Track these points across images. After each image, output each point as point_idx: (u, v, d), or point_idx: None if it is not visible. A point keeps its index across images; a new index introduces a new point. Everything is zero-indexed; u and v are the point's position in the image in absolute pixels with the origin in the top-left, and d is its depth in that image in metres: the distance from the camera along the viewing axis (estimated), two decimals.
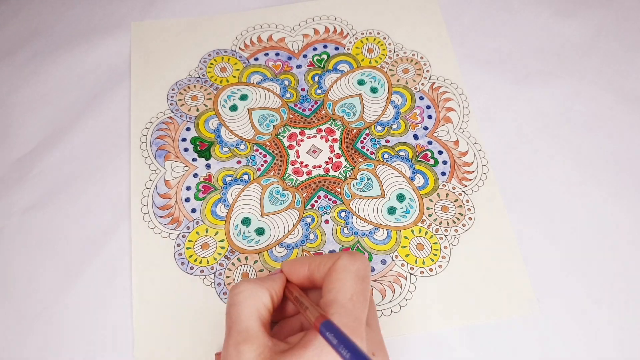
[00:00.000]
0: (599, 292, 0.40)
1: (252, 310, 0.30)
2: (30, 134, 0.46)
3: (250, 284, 0.31)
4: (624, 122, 0.46)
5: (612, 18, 0.51)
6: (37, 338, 0.39)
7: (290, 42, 0.50)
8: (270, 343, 0.29)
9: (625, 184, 0.43)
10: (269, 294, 0.31)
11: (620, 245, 0.41)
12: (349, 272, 0.30)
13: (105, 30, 0.51)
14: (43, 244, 0.42)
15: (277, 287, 0.32)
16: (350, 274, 0.30)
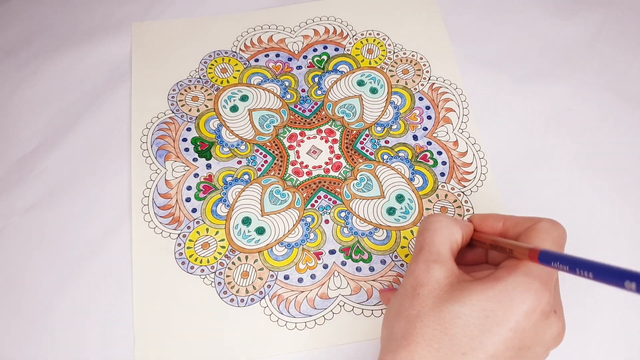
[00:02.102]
0: (599, 291, 0.40)
1: (445, 238, 0.32)
2: (31, 134, 0.46)
3: (447, 218, 0.33)
4: (623, 122, 0.46)
5: (612, 18, 0.51)
6: (38, 338, 0.39)
7: (290, 43, 0.50)
8: (458, 271, 0.31)
9: (625, 184, 0.44)
10: (461, 232, 0.33)
11: (620, 245, 0.41)
12: (550, 235, 0.31)
13: (106, 30, 0.51)
14: (44, 244, 0.42)
15: (467, 231, 0.34)
16: (550, 238, 0.31)
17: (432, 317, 0.29)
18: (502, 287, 0.28)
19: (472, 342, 0.28)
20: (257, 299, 0.40)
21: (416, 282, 0.30)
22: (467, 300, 0.28)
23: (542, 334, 0.29)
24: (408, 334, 0.29)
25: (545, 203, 0.43)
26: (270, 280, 0.40)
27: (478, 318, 0.28)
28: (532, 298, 0.28)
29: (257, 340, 0.38)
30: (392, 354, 0.29)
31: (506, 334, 0.28)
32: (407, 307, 0.30)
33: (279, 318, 0.39)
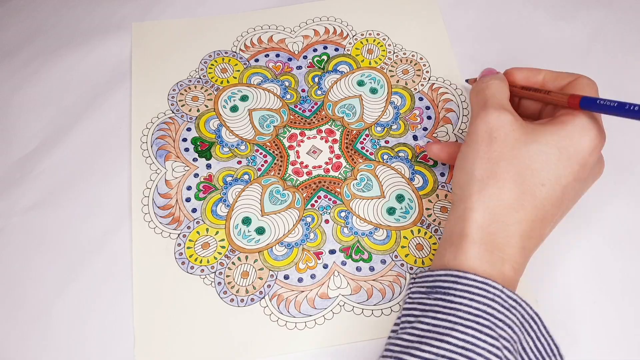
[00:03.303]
0: (598, 292, 0.40)
1: (504, 92, 0.36)
2: (31, 134, 0.46)
3: (498, 77, 0.38)
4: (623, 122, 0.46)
5: (612, 19, 0.51)
6: (38, 338, 0.39)
7: (290, 43, 0.50)
8: (521, 118, 0.35)
9: (625, 183, 0.44)
10: (508, 87, 0.37)
11: (620, 245, 0.41)
12: (591, 88, 0.35)
13: (106, 30, 0.51)
14: (44, 244, 0.42)
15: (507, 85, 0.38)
16: (591, 89, 0.35)
17: (514, 155, 0.33)
18: (572, 128, 0.33)
19: (549, 175, 0.32)
20: (257, 299, 0.40)
21: (490, 127, 0.34)
22: (542, 139, 0.33)
23: (596, 167, 0.35)
24: (493, 173, 0.33)
25: None
26: (270, 280, 0.40)
27: (554, 154, 0.32)
28: (596, 138, 0.33)
29: (257, 340, 0.38)
30: (479, 194, 0.33)
31: (576, 167, 0.33)
32: (485, 151, 0.34)
33: (279, 318, 0.39)
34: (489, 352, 0.28)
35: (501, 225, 0.32)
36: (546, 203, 0.32)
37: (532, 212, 0.32)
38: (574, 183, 0.33)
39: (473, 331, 0.29)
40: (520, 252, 0.32)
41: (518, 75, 0.39)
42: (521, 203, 0.32)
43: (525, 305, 0.31)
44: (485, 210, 0.32)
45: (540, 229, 0.33)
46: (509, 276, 0.32)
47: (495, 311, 0.30)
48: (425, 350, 0.29)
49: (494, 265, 0.31)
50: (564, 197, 0.33)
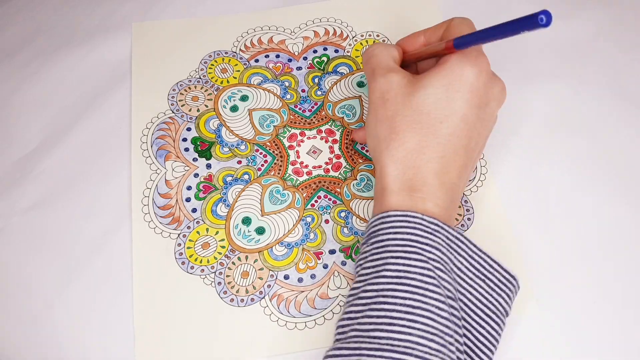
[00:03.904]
0: (598, 292, 0.40)
1: (388, 56, 0.39)
2: (31, 134, 0.46)
3: (381, 43, 0.40)
4: (623, 122, 0.46)
5: (612, 18, 0.51)
6: (38, 338, 0.39)
7: (290, 44, 0.50)
8: (409, 74, 0.37)
9: (625, 183, 0.44)
10: (397, 50, 0.40)
11: (620, 245, 0.41)
12: (465, 25, 0.38)
13: (106, 30, 0.51)
14: (44, 244, 0.42)
15: (399, 51, 0.40)
16: (465, 27, 0.37)
17: (406, 108, 0.35)
18: (450, 65, 0.35)
19: (444, 111, 0.35)
20: (257, 299, 0.40)
21: (381, 92, 0.37)
22: (427, 83, 0.35)
23: (491, 89, 0.36)
24: (392, 128, 0.35)
25: (545, 203, 0.43)
26: (270, 280, 0.40)
27: (441, 92, 0.35)
28: (475, 63, 0.35)
29: (257, 340, 0.38)
30: (386, 150, 0.35)
31: (466, 95, 0.35)
32: (382, 113, 0.36)
33: (279, 318, 0.39)
34: (421, 275, 0.31)
35: (413, 170, 0.34)
36: (450, 137, 0.35)
37: (438, 149, 0.34)
38: (473, 110, 0.35)
39: (403, 260, 0.32)
40: (439, 188, 0.34)
41: (406, 44, 0.41)
42: (425, 144, 0.34)
43: (447, 227, 0.33)
44: (396, 162, 0.35)
45: (455, 161, 0.35)
46: (433, 212, 0.34)
47: (420, 237, 0.32)
48: (367, 289, 0.32)
49: (416, 205, 0.34)
50: (468, 126, 0.35)
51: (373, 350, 0.29)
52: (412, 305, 0.30)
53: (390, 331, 0.30)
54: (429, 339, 0.30)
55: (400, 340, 0.30)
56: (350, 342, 0.31)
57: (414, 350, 0.29)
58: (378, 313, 0.31)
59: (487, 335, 0.33)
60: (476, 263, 0.34)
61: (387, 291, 0.31)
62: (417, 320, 0.30)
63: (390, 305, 0.31)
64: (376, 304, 0.31)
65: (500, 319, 0.34)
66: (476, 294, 0.33)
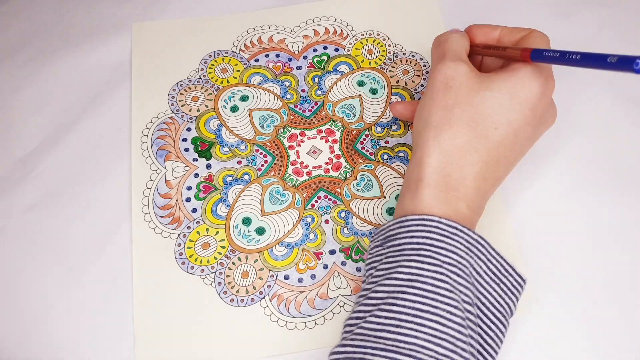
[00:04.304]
0: (598, 292, 0.40)
1: (462, 45, 0.38)
2: (32, 134, 0.46)
3: (456, 31, 0.40)
4: (623, 122, 0.46)
5: (612, 18, 0.51)
6: (38, 338, 0.39)
7: (290, 43, 0.50)
8: (476, 69, 0.37)
9: (625, 183, 0.44)
10: (469, 42, 0.39)
11: (619, 245, 0.41)
12: (542, 40, 0.37)
13: (106, 31, 0.51)
14: (44, 244, 0.42)
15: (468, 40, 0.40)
16: (542, 42, 0.37)
17: (467, 102, 0.35)
18: (522, 75, 0.35)
19: (502, 119, 0.34)
20: (257, 299, 0.40)
21: (446, 77, 0.36)
22: (495, 86, 0.35)
23: (547, 113, 0.37)
24: (447, 119, 0.35)
25: (545, 203, 0.43)
26: (270, 280, 0.40)
27: (505, 99, 0.34)
28: (545, 83, 0.35)
29: (257, 340, 0.38)
30: (434, 139, 0.35)
31: (527, 111, 0.35)
32: (441, 99, 0.36)
33: (279, 318, 0.39)
34: (433, 279, 0.31)
35: (455, 167, 0.34)
36: (499, 145, 0.35)
37: (485, 154, 0.34)
38: (526, 127, 0.35)
39: (416, 263, 0.31)
40: (474, 192, 0.34)
41: (477, 33, 0.40)
42: (475, 146, 0.34)
43: (467, 231, 0.33)
44: (440, 154, 0.34)
45: (495, 171, 0.35)
46: (464, 213, 0.34)
47: (435, 241, 0.32)
48: (378, 290, 0.32)
49: (449, 203, 0.34)
50: (517, 140, 0.35)
51: (377, 350, 0.30)
52: (421, 309, 0.30)
53: (396, 333, 0.30)
54: (436, 343, 0.29)
55: (406, 342, 0.29)
56: (356, 340, 0.31)
57: (419, 353, 0.29)
58: (386, 314, 0.31)
59: (494, 337, 0.33)
60: (493, 267, 0.34)
61: (397, 293, 0.31)
62: (424, 324, 0.30)
63: (399, 307, 0.30)
64: (385, 305, 0.31)
65: (507, 320, 0.34)
66: (490, 297, 0.33)
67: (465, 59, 0.37)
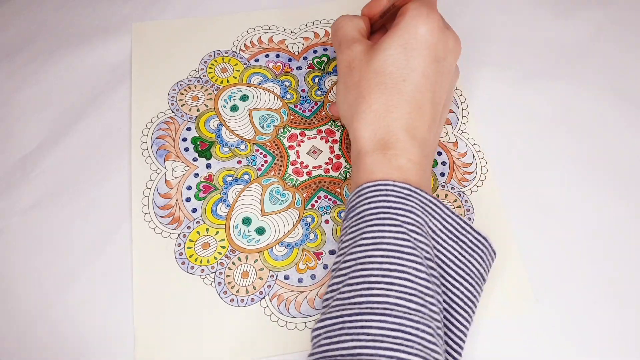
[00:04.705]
0: (598, 292, 0.40)
1: (353, 28, 0.40)
2: (32, 134, 0.46)
3: (346, 15, 0.41)
4: (623, 122, 0.46)
5: (612, 18, 0.51)
6: (38, 338, 0.39)
7: (290, 44, 0.50)
8: (371, 42, 0.39)
9: (625, 183, 0.44)
10: (362, 21, 0.41)
11: (619, 245, 0.41)
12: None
13: (106, 30, 0.51)
14: (44, 244, 0.42)
15: (366, 21, 0.42)
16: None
17: (368, 71, 0.37)
18: (405, 25, 0.36)
19: (405, 69, 0.36)
20: (257, 299, 0.40)
21: (348, 61, 0.39)
22: (385, 46, 0.37)
23: (446, 43, 0.37)
24: (359, 93, 0.37)
25: (545, 203, 0.43)
26: (270, 281, 0.40)
27: (399, 53, 0.36)
28: (427, 19, 0.36)
29: (257, 340, 0.38)
30: (356, 114, 0.37)
31: (423, 52, 0.36)
32: (349, 81, 0.38)
33: (279, 318, 0.39)
34: (395, 239, 0.32)
35: (383, 129, 0.36)
36: (414, 94, 0.36)
37: (405, 105, 0.36)
38: (431, 65, 0.36)
39: (377, 227, 0.33)
40: (411, 143, 0.36)
41: (370, 10, 0.42)
42: (392, 104, 0.36)
43: (420, 192, 0.34)
44: (366, 124, 0.36)
45: (422, 115, 0.36)
46: (407, 167, 0.35)
47: (392, 202, 0.33)
48: (347, 260, 0.33)
49: (390, 162, 0.35)
50: (428, 80, 0.37)
51: (353, 315, 0.30)
52: (389, 269, 0.31)
53: (368, 295, 0.31)
54: (407, 299, 0.31)
55: (379, 302, 0.30)
56: (333, 311, 0.32)
57: (392, 310, 0.30)
58: (357, 280, 0.32)
59: (462, 297, 0.34)
60: (449, 225, 0.35)
61: (364, 258, 0.32)
62: (394, 283, 0.31)
63: (367, 271, 0.32)
64: (355, 272, 0.32)
65: (476, 282, 0.35)
66: (450, 255, 0.34)
67: (359, 38, 0.39)
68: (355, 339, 0.30)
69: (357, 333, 0.30)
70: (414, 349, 0.29)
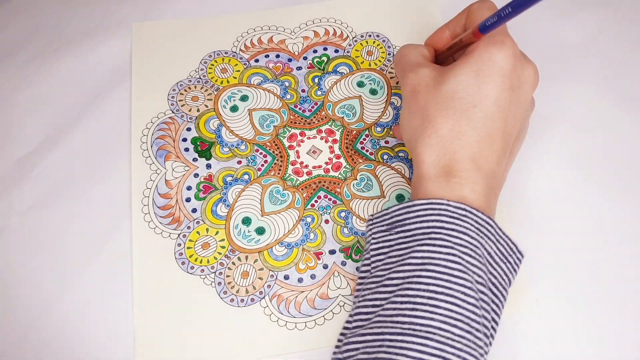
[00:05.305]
0: (598, 292, 0.40)
1: (418, 54, 0.39)
2: (31, 134, 0.46)
3: (411, 44, 0.41)
4: (623, 122, 0.46)
5: (612, 18, 0.51)
6: (38, 338, 0.39)
7: (290, 44, 0.50)
8: (439, 67, 0.38)
9: (625, 183, 0.44)
10: (426, 49, 0.40)
11: (619, 245, 0.41)
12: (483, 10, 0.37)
13: (106, 31, 0.51)
14: (44, 244, 0.42)
15: (431, 51, 0.41)
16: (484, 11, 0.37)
17: (437, 96, 0.35)
18: (478, 51, 0.35)
19: (476, 96, 0.34)
20: (257, 299, 0.40)
21: (412, 86, 0.37)
22: (457, 71, 0.35)
23: (522, 72, 0.36)
24: (426, 118, 0.35)
25: (544, 203, 0.43)
26: (270, 280, 0.40)
27: (472, 78, 0.35)
28: (502, 47, 0.35)
29: (257, 340, 0.38)
30: (420, 139, 0.35)
31: (497, 79, 0.34)
32: (414, 105, 0.37)
33: (279, 318, 0.39)
34: (445, 261, 0.31)
35: (449, 156, 0.34)
36: (484, 121, 0.34)
37: (473, 133, 0.34)
38: (504, 93, 0.35)
39: (428, 247, 0.32)
40: (476, 173, 0.34)
41: (434, 42, 0.41)
42: (459, 130, 0.34)
43: (475, 212, 0.33)
44: (431, 149, 0.35)
45: (491, 145, 0.35)
46: (471, 197, 0.34)
47: (445, 223, 0.32)
48: (393, 277, 0.32)
49: (453, 191, 0.34)
50: (500, 109, 0.35)
51: (395, 335, 0.30)
52: (436, 291, 0.30)
53: (412, 316, 0.30)
54: (452, 324, 0.30)
55: (422, 325, 0.30)
56: (374, 327, 0.31)
57: (436, 335, 0.29)
58: (402, 299, 0.31)
59: (498, 312, 0.34)
60: (502, 247, 0.34)
61: (412, 278, 0.31)
62: (440, 306, 0.30)
63: (413, 291, 0.31)
64: (401, 291, 0.31)
65: (507, 293, 0.35)
66: (499, 277, 0.34)
67: (424, 62, 0.38)
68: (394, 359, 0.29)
69: (396, 353, 0.29)
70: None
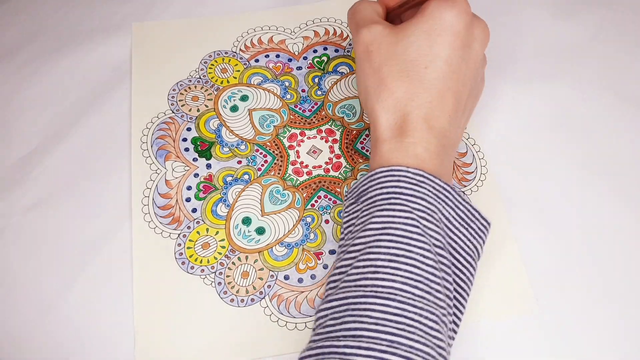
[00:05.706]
0: (598, 291, 0.40)
1: (372, 11, 0.39)
2: (32, 134, 0.46)
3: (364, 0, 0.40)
4: (623, 123, 0.46)
5: (612, 18, 0.51)
6: (38, 338, 0.39)
7: (290, 44, 0.50)
8: (391, 24, 0.38)
9: (625, 183, 0.44)
10: (380, 6, 0.40)
11: (619, 245, 0.41)
12: None
13: (106, 31, 0.51)
14: (44, 244, 0.42)
15: (383, 8, 0.40)
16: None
17: (391, 58, 0.36)
18: (430, 10, 0.35)
19: (427, 57, 0.35)
20: (257, 299, 0.40)
21: (365, 44, 0.37)
22: (409, 32, 0.36)
23: (473, 30, 0.36)
24: (380, 80, 0.36)
25: (545, 203, 0.43)
26: (270, 281, 0.40)
27: (423, 38, 0.35)
28: (454, 5, 0.35)
29: (257, 340, 0.38)
30: (377, 102, 0.36)
31: (448, 38, 0.35)
32: (368, 66, 0.37)
33: (279, 318, 0.39)
34: (404, 224, 0.32)
35: (403, 116, 0.35)
36: (436, 82, 0.35)
37: (426, 94, 0.35)
38: (456, 52, 0.35)
39: (387, 212, 0.33)
40: (429, 132, 0.35)
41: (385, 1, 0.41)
42: (413, 91, 0.35)
43: (433, 178, 0.34)
44: (386, 111, 0.36)
45: (444, 105, 0.35)
46: (423, 156, 0.35)
47: (403, 189, 0.33)
48: (356, 243, 0.33)
49: (406, 150, 0.35)
50: (452, 69, 0.35)
51: (359, 297, 0.31)
52: (396, 254, 0.31)
53: (374, 279, 0.31)
54: (412, 285, 0.31)
55: (384, 287, 0.31)
56: (340, 293, 0.32)
57: (397, 295, 0.30)
58: (364, 263, 0.32)
59: (465, 280, 0.34)
60: (461, 212, 0.35)
61: (373, 242, 0.32)
62: (400, 268, 0.31)
63: (374, 255, 0.32)
64: (363, 255, 0.32)
65: (476, 262, 0.35)
66: (460, 242, 0.34)
67: (377, 19, 0.38)
68: (358, 321, 0.30)
69: (360, 315, 0.30)
70: (415, 335, 0.29)
